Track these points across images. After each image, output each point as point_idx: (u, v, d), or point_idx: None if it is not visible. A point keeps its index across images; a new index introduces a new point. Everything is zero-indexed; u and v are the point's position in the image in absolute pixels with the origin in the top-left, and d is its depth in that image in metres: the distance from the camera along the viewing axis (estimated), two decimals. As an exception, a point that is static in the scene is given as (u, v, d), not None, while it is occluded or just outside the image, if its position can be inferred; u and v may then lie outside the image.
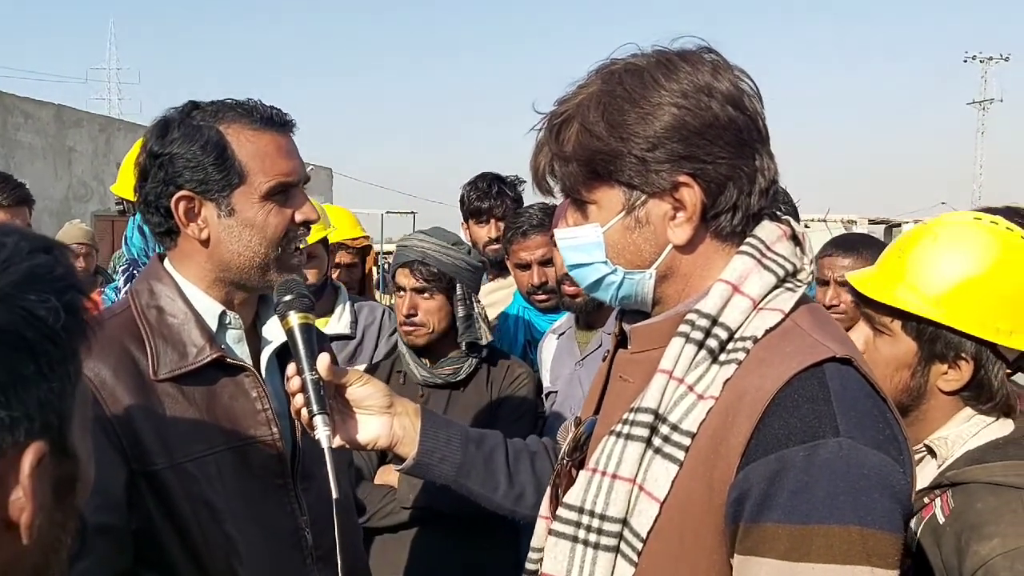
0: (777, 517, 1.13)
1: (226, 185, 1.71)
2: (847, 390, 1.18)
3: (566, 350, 3.13)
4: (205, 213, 1.73)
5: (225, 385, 1.74)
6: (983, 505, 1.62)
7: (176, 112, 1.76)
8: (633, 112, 1.24)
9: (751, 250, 1.28)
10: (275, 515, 1.77)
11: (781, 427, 1.15)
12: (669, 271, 1.31)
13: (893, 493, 1.14)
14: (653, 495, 1.22)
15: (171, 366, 1.69)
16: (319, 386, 1.58)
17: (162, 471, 1.63)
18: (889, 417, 1.21)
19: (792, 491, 1.12)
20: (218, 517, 1.67)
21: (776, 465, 1.14)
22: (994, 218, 1.80)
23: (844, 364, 1.20)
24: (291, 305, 1.64)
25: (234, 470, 1.71)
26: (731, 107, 1.25)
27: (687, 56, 1.28)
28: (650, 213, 1.28)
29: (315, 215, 1.80)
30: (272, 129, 1.76)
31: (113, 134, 20.61)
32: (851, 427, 1.14)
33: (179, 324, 1.73)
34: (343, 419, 1.64)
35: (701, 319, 1.25)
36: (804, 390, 1.17)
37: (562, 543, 1.30)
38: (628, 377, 1.37)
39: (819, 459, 1.12)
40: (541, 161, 1.35)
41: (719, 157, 1.24)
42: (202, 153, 1.70)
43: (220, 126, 1.72)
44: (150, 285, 1.77)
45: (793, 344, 1.22)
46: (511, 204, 3.97)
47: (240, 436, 1.73)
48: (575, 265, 1.37)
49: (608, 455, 1.27)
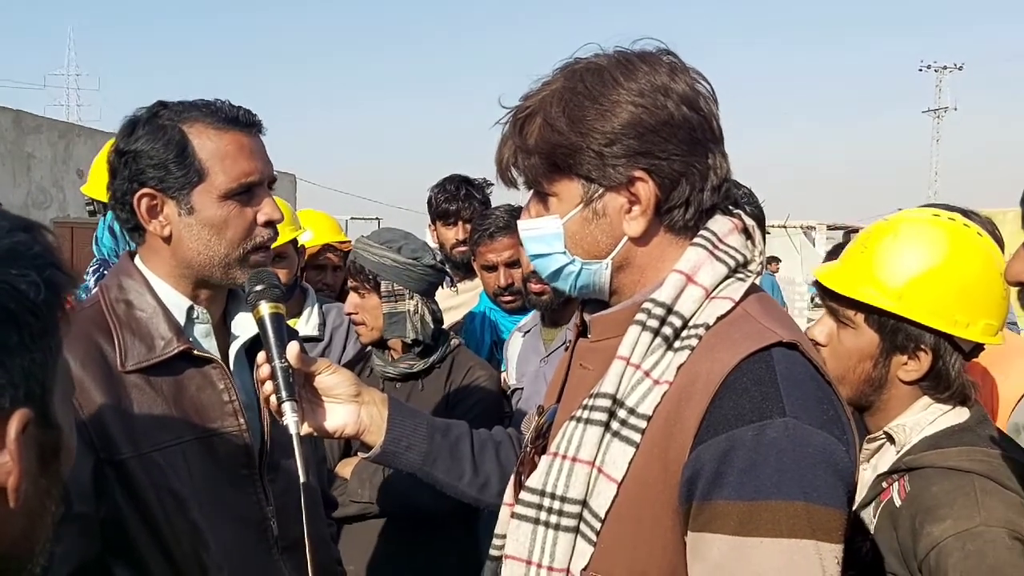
0: (727, 494, 1.18)
1: (186, 183, 1.73)
2: (793, 373, 1.24)
3: (531, 347, 3.18)
4: (167, 211, 1.75)
5: (192, 377, 1.76)
6: (937, 488, 1.68)
7: (144, 111, 1.78)
8: (593, 109, 1.30)
9: (704, 242, 1.34)
10: (241, 505, 1.80)
11: (731, 408, 1.21)
12: (625, 262, 1.37)
13: (837, 470, 1.20)
14: (611, 476, 1.28)
15: (138, 358, 1.71)
16: (288, 374, 1.59)
17: (129, 460, 1.65)
18: (833, 399, 1.27)
19: (741, 469, 1.18)
20: (184, 506, 1.70)
21: (726, 444, 1.19)
22: (952, 214, 1.87)
23: (790, 348, 1.26)
24: (262, 295, 1.66)
25: (201, 460, 1.74)
26: (686, 107, 1.30)
27: (646, 57, 1.34)
28: (607, 206, 1.33)
29: (279, 215, 1.81)
30: (236, 129, 1.78)
31: (73, 140, 20.33)
32: (796, 408, 1.20)
33: (147, 317, 1.75)
34: (311, 407, 1.66)
35: (657, 308, 1.30)
36: (752, 373, 1.22)
37: (524, 525, 1.34)
38: (588, 365, 1.42)
39: (766, 438, 1.18)
40: (505, 154, 1.40)
41: (673, 154, 1.29)
42: (164, 151, 1.72)
43: (183, 125, 1.74)
44: (119, 280, 1.79)
45: (742, 330, 1.28)
46: (479, 206, 3.98)
47: (207, 427, 1.75)
48: (536, 255, 1.43)
49: (568, 439, 1.32)
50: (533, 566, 1.32)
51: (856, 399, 1.85)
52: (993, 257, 1.81)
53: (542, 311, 3.18)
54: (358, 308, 2.85)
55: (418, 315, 2.81)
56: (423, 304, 2.82)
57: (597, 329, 1.43)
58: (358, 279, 2.83)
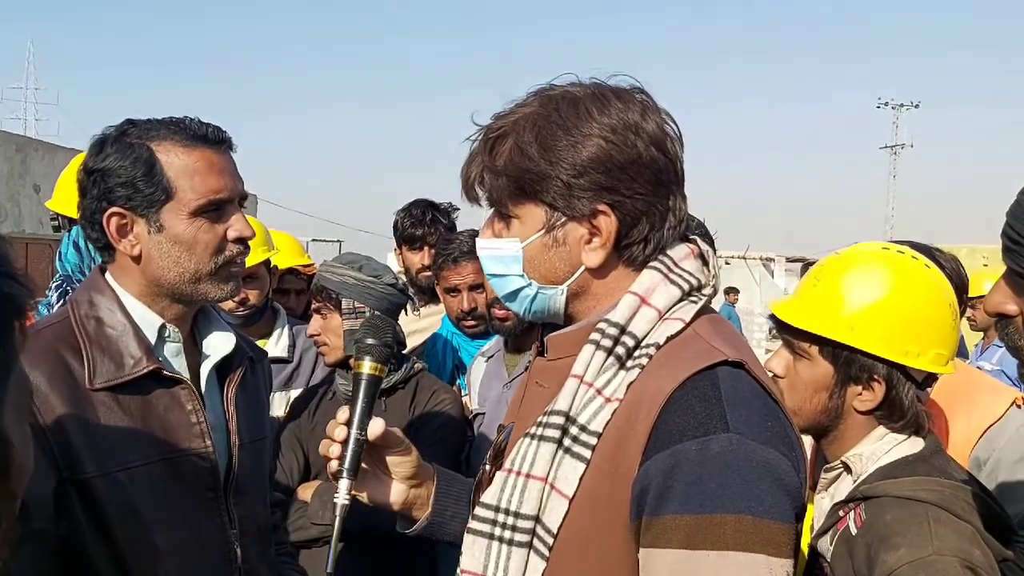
0: (674, 508, 1.21)
1: (154, 201, 1.72)
2: (737, 391, 1.27)
3: (494, 373, 3.17)
4: (137, 229, 1.75)
5: (160, 397, 1.74)
6: (891, 517, 1.71)
7: (112, 129, 1.78)
8: (565, 138, 1.32)
9: (659, 266, 1.38)
10: (206, 527, 1.78)
11: (675, 424, 1.24)
12: (580, 290, 1.40)
13: (782, 485, 1.22)
14: (563, 493, 1.30)
15: (107, 376, 1.70)
16: (361, 449, 1.55)
17: (92, 479, 1.64)
18: (779, 416, 1.30)
19: (687, 483, 1.20)
20: (148, 528, 1.68)
21: (671, 460, 1.22)
22: (901, 248, 1.93)
23: (735, 367, 1.29)
24: (371, 351, 1.60)
25: (166, 481, 1.72)
26: (654, 148, 1.33)
27: (620, 94, 1.37)
28: (568, 235, 1.36)
29: (249, 232, 1.80)
30: (205, 146, 1.77)
31: (30, 155, 20.09)
32: (739, 423, 1.23)
33: (117, 335, 1.73)
34: (367, 475, 1.62)
35: (611, 328, 1.33)
36: (697, 390, 1.25)
37: (479, 540, 1.36)
38: (543, 383, 1.45)
39: (710, 452, 1.21)
40: (473, 171, 1.42)
41: (637, 192, 1.33)
42: (132, 169, 1.71)
43: (151, 143, 1.73)
44: (90, 296, 1.78)
45: (690, 349, 1.31)
46: (444, 231, 3.97)
47: (173, 448, 1.73)
48: (493, 275, 1.45)
49: (523, 456, 1.35)
50: None
51: (814, 428, 1.89)
52: (941, 288, 1.87)
53: (505, 336, 3.18)
54: (321, 329, 2.85)
55: None
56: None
57: (553, 348, 1.46)
58: (320, 299, 2.84)
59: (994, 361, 5.99)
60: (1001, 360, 5.93)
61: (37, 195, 19.26)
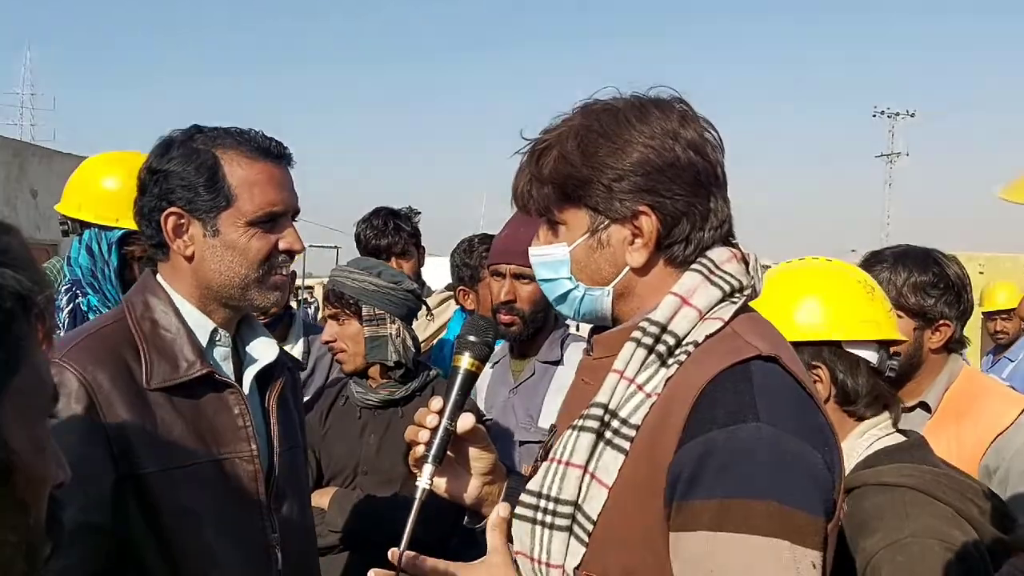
0: (702, 494, 1.25)
1: (213, 207, 1.80)
2: (769, 383, 1.31)
3: (500, 378, 3.18)
4: (192, 231, 1.81)
5: (210, 400, 1.81)
6: (869, 504, 1.76)
7: (179, 133, 1.85)
8: (606, 146, 1.40)
9: (701, 268, 1.42)
10: (249, 529, 1.84)
11: (707, 414, 1.28)
12: (626, 290, 1.45)
13: (811, 476, 1.27)
14: (603, 482, 1.35)
15: (163, 377, 1.76)
16: (448, 438, 1.57)
17: (149, 476, 1.71)
18: (813, 411, 1.35)
19: (716, 470, 1.25)
20: (199, 525, 1.74)
21: (702, 448, 1.26)
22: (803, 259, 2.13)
23: (769, 361, 1.34)
24: (471, 347, 1.62)
25: (214, 482, 1.78)
26: (692, 152, 1.40)
27: (659, 103, 1.44)
28: (611, 237, 1.43)
29: (300, 246, 1.87)
30: (267, 159, 1.85)
31: (27, 160, 20.00)
32: (770, 414, 1.27)
33: (172, 338, 1.80)
34: (446, 466, 1.63)
35: (652, 326, 1.39)
36: (729, 382, 1.30)
37: (524, 525, 1.43)
38: (589, 380, 1.50)
39: (739, 440, 1.25)
40: (521, 182, 1.50)
41: (676, 193, 1.39)
42: (195, 174, 1.79)
43: (216, 150, 1.81)
44: (145, 298, 1.84)
45: (726, 346, 1.36)
46: (409, 238, 3.96)
47: (221, 450, 1.80)
48: (544, 280, 1.52)
49: (564, 445, 1.40)
50: (535, 562, 1.40)
51: None
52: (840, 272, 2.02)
53: (511, 342, 3.19)
54: (337, 336, 2.85)
55: (399, 339, 2.83)
56: (403, 329, 2.84)
57: (598, 347, 1.52)
58: (338, 305, 2.84)
59: (1004, 376, 5.98)
60: (1012, 376, 5.94)
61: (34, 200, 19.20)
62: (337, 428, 2.91)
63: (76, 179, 2.78)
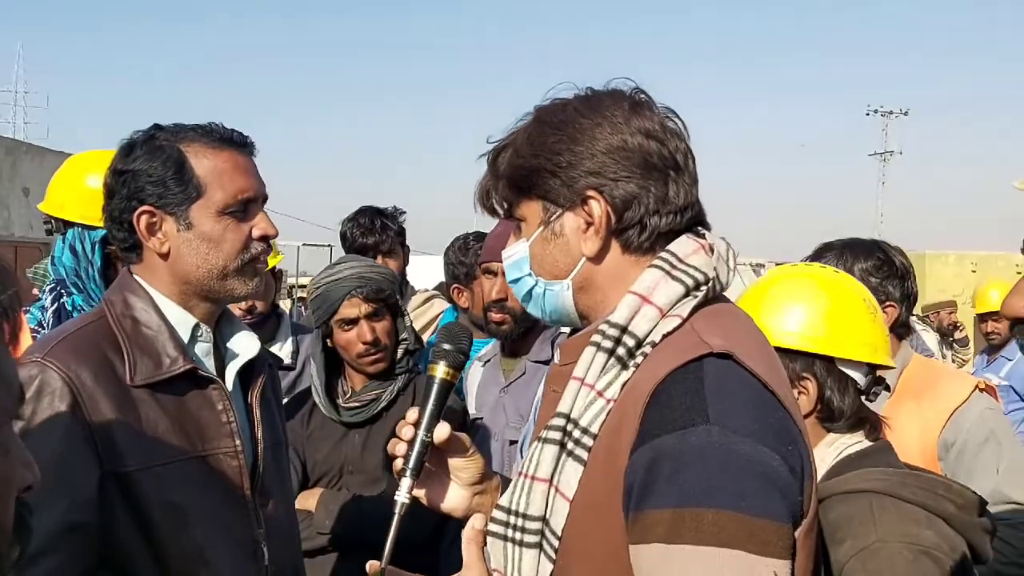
0: (655, 503, 1.19)
1: (185, 199, 1.79)
2: (722, 382, 1.24)
3: (491, 377, 3.18)
4: (166, 227, 1.80)
5: (194, 396, 1.81)
6: (835, 514, 1.73)
7: (140, 133, 1.85)
8: (553, 135, 1.39)
9: (661, 263, 1.37)
10: (235, 526, 1.83)
11: (657, 417, 1.22)
12: (585, 283, 1.42)
13: (768, 480, 1.18)
14: (565, 495, 1.31)
15: (146, 373, 1.76)
16: (426, 450, 1.54)
17: (134, 473, 1.70)
18: (773, 409, 1.26)
19: (666, 477, 1.18)
20: (186, 522, 1.74)
21: (652, 453, 1.20)
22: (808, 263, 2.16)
23: (723, 359, 1.27)
24: (446, 356, 1.58)
25: (199, 479, 1.78)
26: (642, 136, 1.37)
27: (612, 93, 1.43)
28: (564, 226, 1.40)
29: (274, 231, 1.88)
30: (231, 147, 1.85)
31: (19, 157, 19.98)
32: (722, 416, 1.20)
33: (153, 335, 1.79)
34: (430, 478, 1.60)
35: (611, 329, 1.34)
36: (679, 383, 1.24)
37: (496, 542, 1.39)
38: (557, 388, 1.45)
39: (688, 445, 1.18)
40: (482, 185, 1.50)
41: (624, 176, 1.36)
42: (163, 168, 1.78)
43: (180, 144, 1.81)
44: (124, 296, 1.83)
45: (679, 344, 1.30)
46: (395, 236, 3.97)
47: (205, 446, 1.80)
48: (512, 281, 1.51)
49: (531, 459, 1.36)
50: None
51: None
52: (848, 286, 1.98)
53: (502, 340, 3.19)
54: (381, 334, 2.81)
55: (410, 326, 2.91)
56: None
57: (563, 354, 1.48)
58: (378, 302, 2.80)
59: (1002, 375, 5.98)
60: (1010, 374, 5.93)
61: (26, 198, 19.17)
62: (319, 429, 2.88)
63: (59, 178, 2.75)
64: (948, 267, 12.64)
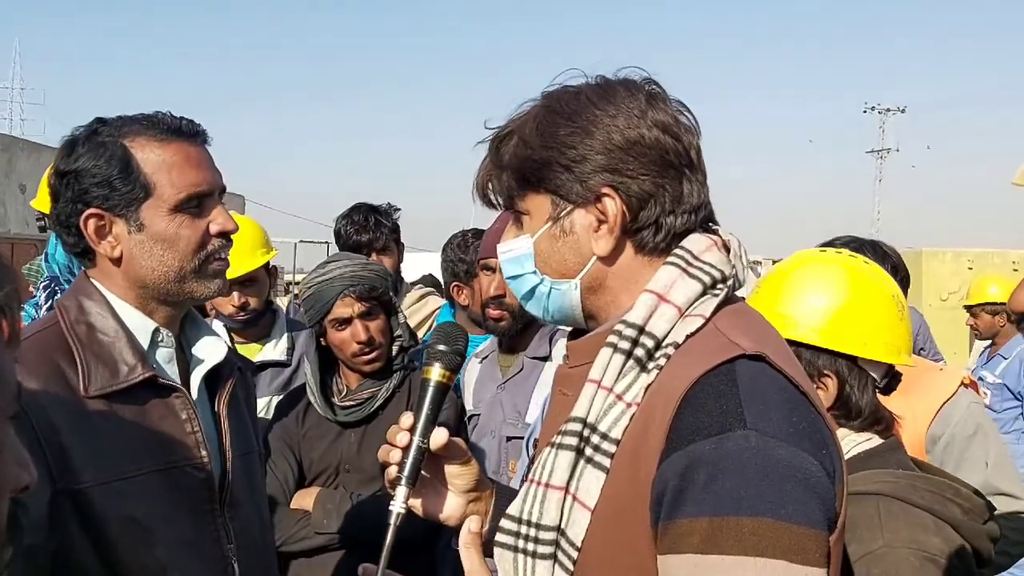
0: (689, 511, 1.12)
1: (133, 199, 1.67)
2: (756, 385, 1.18)
3: (488, 374, 3.16)
4: (116, 230, 1.69)
5: (155, 405, 1.69)
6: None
7: (82, 129, 1.72)
8: (565, 126, 1.31)
9: (677, 260, 1.31)
10: (202, 541, 1.72)
11: (690, 423, 1.16)
12: (595, 283, 1.35)
13: (807, 486, 1.13)
14: (585, 504, 1.24)
15: (101, 383, 1.64)
16: (422, 457, 1.46)
17: (89, 489, 1.58)
18: (807, 412, 1.21)
19: (702, 484, 1.12)
20: (145, 540, 1.62)
21: (686, 460, 1.14)
22: (839, 250, 2.03)
23: (755, 360, 1.21)
24: (441, 357, 1.51)
25: (162, 493, 1.66)
26: (659, 131, 1.30)
27: (626, 83, 1.35)
28: (575, 223, 1.33)
29: (232, 225, 1.75)
30: (180, 139, 1.72)
31: (16, 154, 19.95)
32: (758, 420, 1.14)
33: (110, 341, 1.68)
34: (424, 485, 1.54)
35: (628, 329, 1.27)
36: (712, 387, 1.17)
37: (506, 554, 1.31)
38: (567, 391, 1.38)
39: (726, 451, 1.12)
40: (482, 174, 1.42)
41: (641, 174, 1.29)
42: (107, 167, 1.66)
43: (124, 140, 1.68)
44: (79, 301, 1.72)
45: (706, 346, 1.24)
46: (389, 234, 3.95)
47: (169, 458, 1.68)
48: (510, 277, 1.42)
49: (543, 465, 1.29)
50: None
51: None
52: (880, 281, 1.91)
53: (499, 337, 3.17)
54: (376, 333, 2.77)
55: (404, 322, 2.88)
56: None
57: (574, 355, 1.41)
58: (371, 301, 2.76)
59: (997, 373, 5.96)
60: (1004, 373, 5.91)
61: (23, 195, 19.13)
62: (315, 427, 2.84)
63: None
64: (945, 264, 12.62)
